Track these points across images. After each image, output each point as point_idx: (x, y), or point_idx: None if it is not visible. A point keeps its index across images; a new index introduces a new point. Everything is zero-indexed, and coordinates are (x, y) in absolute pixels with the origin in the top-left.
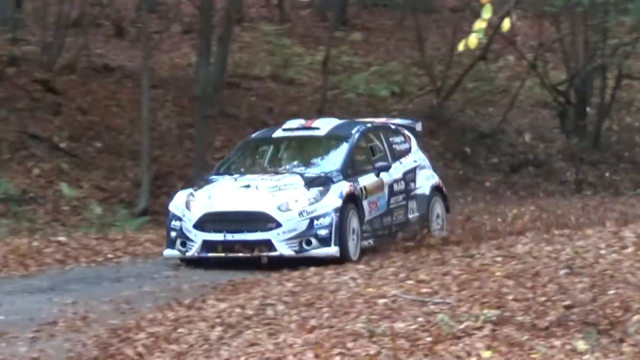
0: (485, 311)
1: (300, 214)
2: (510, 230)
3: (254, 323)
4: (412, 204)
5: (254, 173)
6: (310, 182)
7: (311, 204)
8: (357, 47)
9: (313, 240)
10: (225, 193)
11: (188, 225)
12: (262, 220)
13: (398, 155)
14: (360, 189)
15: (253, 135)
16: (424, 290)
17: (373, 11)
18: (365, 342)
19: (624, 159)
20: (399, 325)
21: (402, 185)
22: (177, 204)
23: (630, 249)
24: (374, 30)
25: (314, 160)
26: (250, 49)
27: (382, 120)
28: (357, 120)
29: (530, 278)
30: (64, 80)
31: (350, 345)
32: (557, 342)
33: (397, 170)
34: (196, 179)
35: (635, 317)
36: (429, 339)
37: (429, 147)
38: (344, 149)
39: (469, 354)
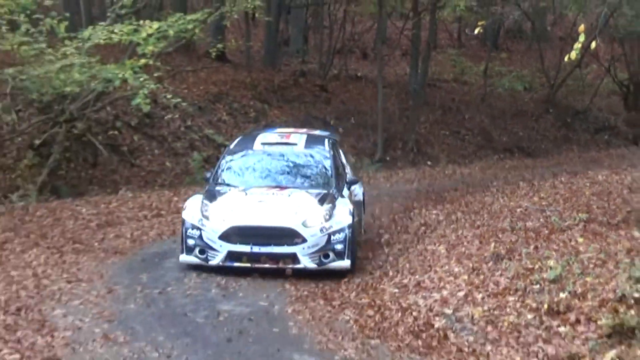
0: (579, 215)
1: (321, 230)
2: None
3: (443, 223)
4: (355, 210)
5: (258, 186)
6: (321, 200)
7: (326, 220)
8: (504, 61)
9: (330, 254)
10: (247, 207)
11: (212, 235)
12: (289, 236)
13: (344, 167)
14: None
15: (232, 147)
16: (543, 203)
17: (513, 40)
18: (509, 234)
19: None
20: (529, 224)
21: (353, 195)
22: (191, 213)
23: None
24: (514, 51)
25: (306, 176)
26: (441, 64)
27: (303, 131)
28: (297, 130)
29: (606, 195)
30: (333, 85)
31: (500, 235)
32: (622, 232)
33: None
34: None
35: None
36: (546, 231)
37: (545, 122)
38: (328, 165)
39: (570, 240)
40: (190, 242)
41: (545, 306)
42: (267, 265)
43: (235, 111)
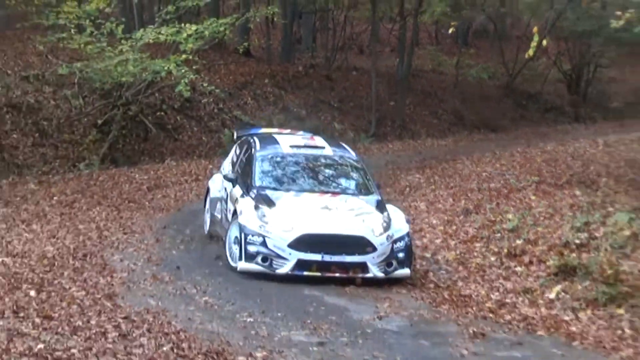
0: (532, 177)
1: (387, 238)
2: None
3: (424, 185)
4: None
5: (309, 192)
6: (378, 207)
7: (387, 228)
8: (472, 56)
9: (394, 263)
10: (315, 214)
11: (280, 243)
12: (361, 244)
13: None
14: None
15: (259, 148)
16: (503, 168)
17: (480, 39)
18: (476, 193)
19: (599, 105)
20: (492, 185)
21: None
22: (250, 219)
23: (600, 148)
24: (480, 47)
25: (350, 181)
26: (422, 58)
27: (287, 131)
28: (282, 131)
29: (553, 162)
30: (336, 75)
31: (469, 194)
32: (566, 191)
33: None
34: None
35: (603, 180)
36: (506, 191)
37: (505, 104)
38: (364, 170)
39: (524, 198)
40: (252, 249)
41: (505, 250)
42: (337, 275)
43: (258, 96)
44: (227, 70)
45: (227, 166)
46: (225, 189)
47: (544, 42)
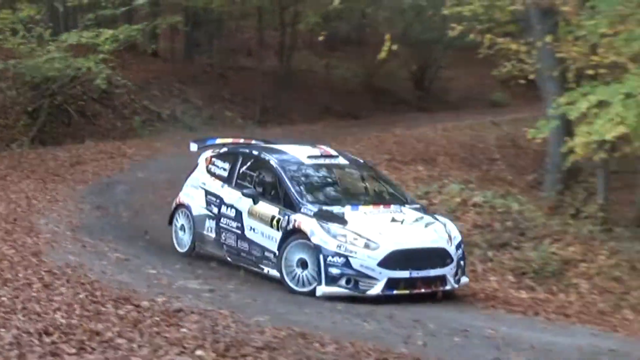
0: (384, 155)
1: (456, 247)
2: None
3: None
4: None
5: (363, 205)
6: (431, 215)
7: (449, 237)
8: (339, 58)
9: (458, 272)
10: (394, 229)
11: (368, 262)
12: (442, 257)
13: None
14: None
15: (282, 164)
16: (362, 148)
17: (345, 44)
18: None
19: (439, 99)
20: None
21: None
22: (324, 238)
23: (439, 132)
24: (346, 51)
25: (383, 191)
26: (299, 60)
27: (242, 140)
28: (237, 140)
29: (402, 143)
30: (228, 73)
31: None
32: (411, 167)
33: None
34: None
35: (441, 158)
36: None
37: (364, 97)
38: (389, 180)
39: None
40: (334, 271)
41: None
42: (422, 291)
43: (164, 90)
44: (138, 67)
45: (208, 181)
46: (232, 206)
47: (394, 47)
